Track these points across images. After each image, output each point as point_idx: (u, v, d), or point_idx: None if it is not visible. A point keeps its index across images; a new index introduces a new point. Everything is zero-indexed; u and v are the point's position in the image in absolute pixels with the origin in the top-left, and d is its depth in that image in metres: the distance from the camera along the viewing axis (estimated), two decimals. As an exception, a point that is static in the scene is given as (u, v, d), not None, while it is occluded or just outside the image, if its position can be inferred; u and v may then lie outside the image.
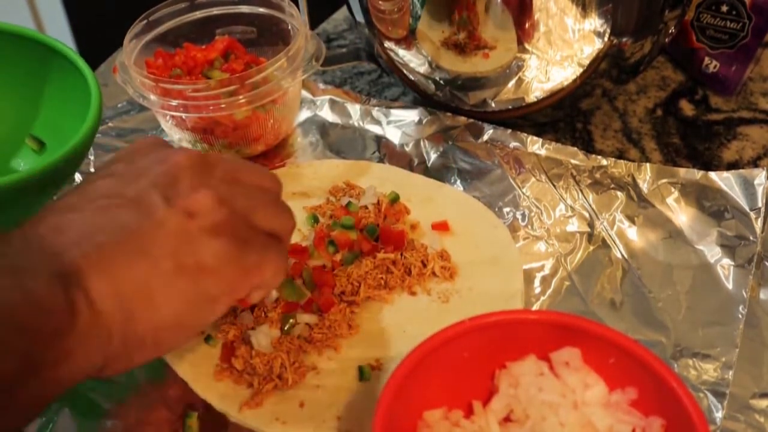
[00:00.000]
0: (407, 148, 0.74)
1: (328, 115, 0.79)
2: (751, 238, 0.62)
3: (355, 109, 0.78)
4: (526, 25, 0.64)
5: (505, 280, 0.60)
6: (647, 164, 0.68)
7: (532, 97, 0.70)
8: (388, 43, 0.72)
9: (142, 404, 0.53)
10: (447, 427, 0.46)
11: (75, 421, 0.52)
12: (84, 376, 0.40)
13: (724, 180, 0.66)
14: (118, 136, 0.78)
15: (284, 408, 0.52)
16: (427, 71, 0.72)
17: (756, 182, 0.65)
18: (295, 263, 0.59)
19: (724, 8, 0.76)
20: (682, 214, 0.65)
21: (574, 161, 0.70)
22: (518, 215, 0.66)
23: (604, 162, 0.69)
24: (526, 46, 0.65)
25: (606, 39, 0.64)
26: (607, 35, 0.64)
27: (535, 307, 0.58)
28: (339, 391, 0.53)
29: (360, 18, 0.73)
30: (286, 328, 0.56)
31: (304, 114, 0.79)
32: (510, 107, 0.72)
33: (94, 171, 0.47)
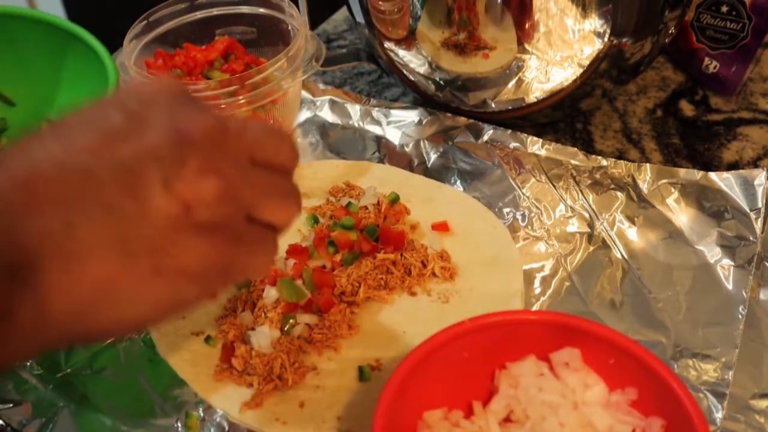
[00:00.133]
0: (407, 149, 0.74)
1: (328, 115, 0.79)
2: (751, 239, 0.62)
3: (355, 110, 0.78)
4: (526, 26, 0.64)
5: (505, 281, 0.60)
6: (647, 165, 0.68)
7: (532, 98, 0.70)
8: (388, 44, 0.72)
9: (142, 404, 0.53)
10: (447, 428, 0.46)
11: (75, 421, 0.52)
12: (16, 360, 0.35)
13: (724, 180, 0.66)
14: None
15: (284, 408, 0.52)
16: (427, 72, 0.72)
17: (756, 182, 0.65)
18: (295, 264, 0.59)
19: (724, 9, 0.76)
20: (682, 215, 0.65)
21: (574, 162, 0.70)
22: (518, 216, 0.66)
23: (604, 162, 0.69)
24: (526, 46, 0.65)
25: (606, 39, 0.64)
26: (607, 36, 0.64)
27: (535, 308, 0.58)
28: (339, 391, 0.53)
29: (360, 18, 0.73)
30: (286, 329, 0.56)
31: (304, 114, 0.79)
32: (510, 108, 0.72)
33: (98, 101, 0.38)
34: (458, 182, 0.70)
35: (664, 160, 0.73)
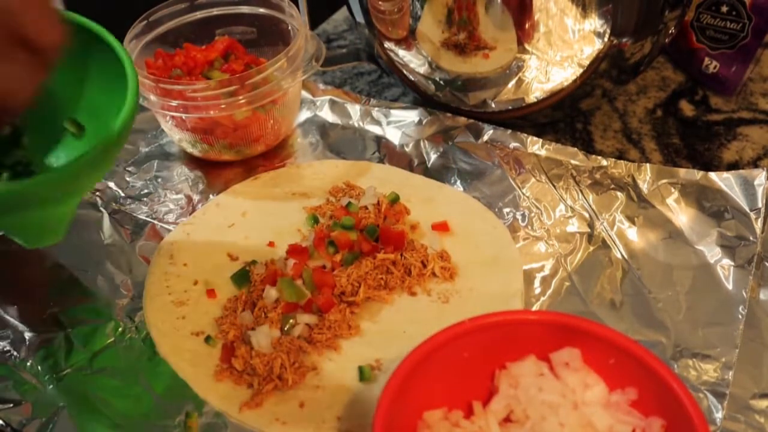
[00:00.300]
0: (407, 149, 0.74)
1: (328, 115, 0.79)
2: (751, 239, 0.62)
3: (355, 110, 0.78)
4: (526, 26, 0.64)
5: (505, 281, 0.60)
6: (647, 165, 0.68)
7: (532, 98, 0.70)
8: (388, 44, 0.72)
9: (142, 404, 0.53)
10: (447, 428, 0.46)
11: (75, 421, 0.52)
12: None
13: (724, 180, 0.66)
14: (118, 137, 0.77)
15: (284, 408, 0.52)
16: (427, 72, 0.72)
17: (756, 182, 0.65)
18: (295, 264, 0.59)
19: (724, 9, 0.76)
20: (682, 215, 0.65)
21: (574, 162, 0.70)
22: (518, 216, 0.66)
23: (604, 162, 0.69)
24: (526, 46, 0.65)
25: (606, 39, 0.64)
26: (607, 36, 0.64)
27: (535, 308, 0.58)
28: (339, 391, 0.53)
29: (360, 18, 0.73)
30: (286, 329, 0.56)
31: (304, 114, 0.79)
32: (510, 108, 0.72)
33: None
34: (458, 182, 0.70)
35: (664, 160, 0.73)
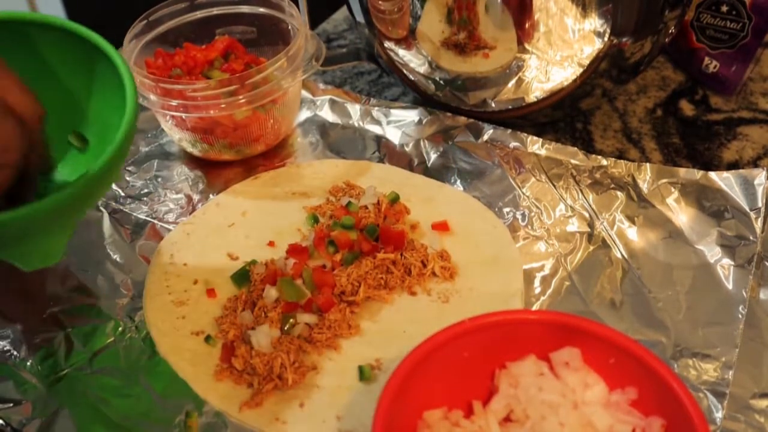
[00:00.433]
0: (407, 148, 0.74)
1: (328, 115, 0.79)
2: (751, 238, 0.62)
3: (355, 109, 0.78)
4: (526, 25, 0.63)
5: (505, 280, 0.60)
6: (647, 164, 0.68)
7: (532, 97, 0.70)
8: (388, 43, 0.72)
9: (142, 404, 0.53)
10: (447, 427, 0.46)
11: (75, 421, 0.52)
12: None
13: (724, 180, 0.66)
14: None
15: (284, 408, 0.52)
16: (427, 71, 0.72)
17: (756, 182, 0.65)
18: (295, 263, 0.59)
19: (724, 8, 0.76)
20: (682, 214, 0.65)
21: (574, 161, 0.70)
22: (518, 215, 0.66)
23: (604, 162, 0.69)
24: (526, 46, 0.65)
25: (606, 39, 0.64)
26: (607, 35, 0.64)
27: (535, 307, 0.58)
28: (339, 391, 0.53)
29: (360, 18, 0.73)
30: (286, 328, 0.56)
31: (304, 114, 0.79)
32: (510, 107, 0.72)
33: None
34: (458, 182, 0.70)
35: (664, 160, 0.73)
